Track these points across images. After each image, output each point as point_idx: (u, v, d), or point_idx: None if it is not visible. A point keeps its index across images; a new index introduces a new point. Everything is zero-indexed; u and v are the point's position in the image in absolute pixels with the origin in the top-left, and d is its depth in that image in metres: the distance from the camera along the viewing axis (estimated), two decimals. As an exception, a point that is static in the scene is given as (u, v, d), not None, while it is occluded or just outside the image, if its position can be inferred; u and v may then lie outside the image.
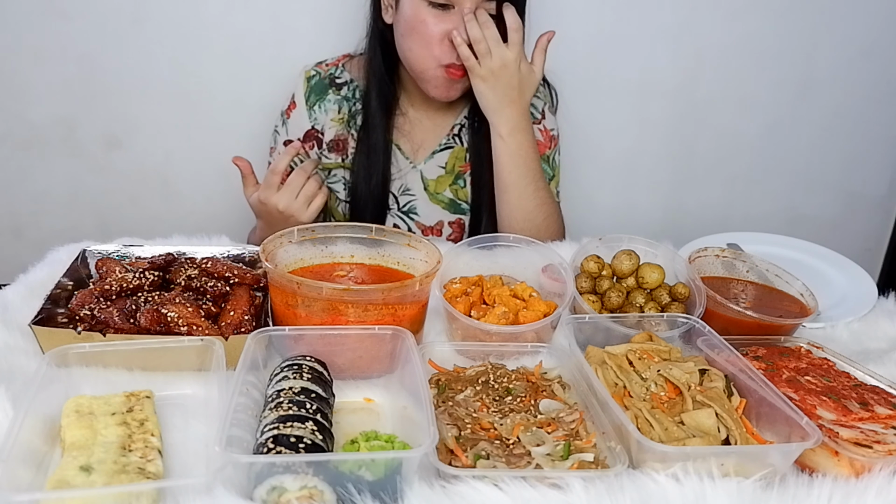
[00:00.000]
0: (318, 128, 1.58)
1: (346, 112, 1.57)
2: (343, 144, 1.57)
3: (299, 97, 1.59)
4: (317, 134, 1.58)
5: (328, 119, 1.57)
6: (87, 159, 1.95)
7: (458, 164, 1.60)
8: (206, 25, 1.83)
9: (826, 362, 1.04)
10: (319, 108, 1.57)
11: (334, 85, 1.58)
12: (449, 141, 1.60)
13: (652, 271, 1.18)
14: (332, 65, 1.60)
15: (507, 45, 1.36)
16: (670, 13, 1.94)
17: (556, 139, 1.64)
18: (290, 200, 1.36)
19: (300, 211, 1.37)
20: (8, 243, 2.01)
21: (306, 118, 1.58)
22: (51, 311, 0.99)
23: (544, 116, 1.62)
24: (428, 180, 1.60)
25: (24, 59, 1.82)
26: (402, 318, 0.99)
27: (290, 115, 1.60)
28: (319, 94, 1.58)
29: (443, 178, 1.60)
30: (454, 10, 1.35)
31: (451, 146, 1.60)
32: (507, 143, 1.43)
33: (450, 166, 1.60)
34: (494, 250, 1.21)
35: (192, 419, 0.86)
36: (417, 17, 1.37)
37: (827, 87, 2.08)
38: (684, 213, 2.22)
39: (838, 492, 0.78)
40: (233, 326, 0.99)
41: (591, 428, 0.87)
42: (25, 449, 0.75)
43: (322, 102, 1.57)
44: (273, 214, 1.38)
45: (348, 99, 1.57)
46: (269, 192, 1.37)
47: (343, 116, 1.57)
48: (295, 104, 1.59)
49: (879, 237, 2.34)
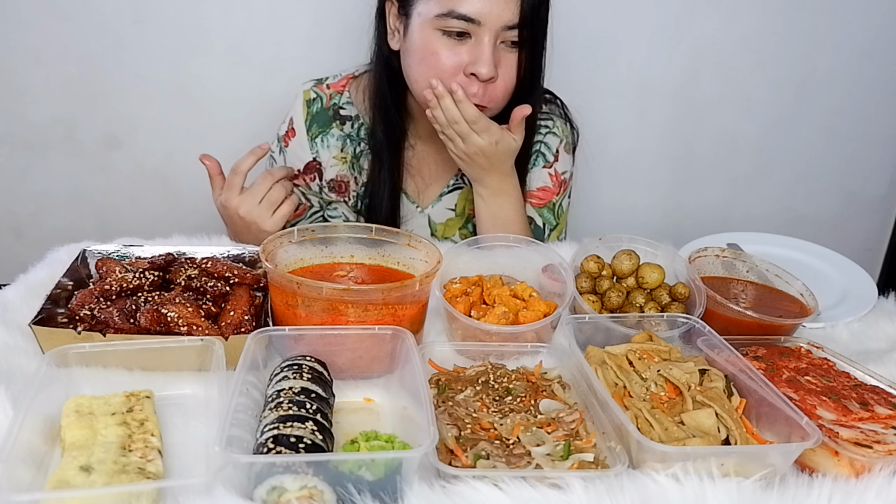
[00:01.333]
0: (320, 161, 1.49)
1: (350, 153, 1.48)
2: (345, 187, 1.49)
3: (299, 123, 1.49)
4: (318, 166, 1.49)
5: (330, 156, 1.48)
6: (87, 159, 1.95)
7: (468, 206, 1.50)
8: (206, 25, 1.83)
9: (826, 362, 1.04)
10: (322, 141, 1.48)
11: (338, 118, 1.48)
12: (457, 182, 1.51)
13: (652, 271, 1.18)
14: (336, 89, 1.49)
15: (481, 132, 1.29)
16: (670, 13, 1.94)
17: (566, 182, 1.55)
18: (251, 205, 1.27)
19: (262, 218, 1.28)
20: (8, 243, 2.01)
21: (307, 149, 1.49)
22: (51, 311, 0.99)
23: (557, 158, 1.52)
24: (436, 224, 1.52)
25: (24, 59, 1.82)
26: (402, 318, 0.99)
27: (289, 144, 1.50)
28: (322, 126, 1.48)
29: (452, 221, 1.52)
30: (471, 41, 1.26)
31: (460, 187, 1.51)
32: (487, 203, 1.39)
33: (459, 209, 1.52)
34: (494, 250, 1.21)
35: (192, 419, 0.86)
36: (429, 48, 1.27)
37: (827, 87, 2.08)
38: (684, 213, 2.22)
39: (838, 492, 0.78)
40: (233, 326, 0.99)
41: (591, 428, 0.87)
42: (25, 449, 0.75)
43: (325, 136, 1.48)
44: (235, 220, 1.30)
45: (353, 139, 1.48)
46: (231, 194, 1.29)
47: (346, 156, 1.48)
48: (294, 132, 1.49)
49: (879, 237, 2.34)
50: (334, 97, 1.49)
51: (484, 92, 1.29)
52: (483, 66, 1.25)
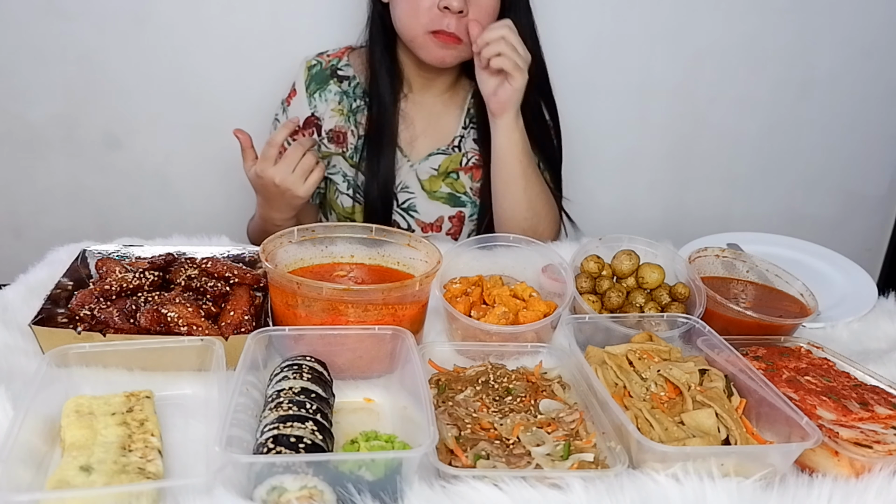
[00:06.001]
0: (318, 115, 1.58)
1: (347, 107, 1.57)
2: (343, 137, 1.57)
3: (300, 85, 1.59)
4: (316, 121, 1.58)
5: (328, 108, 1.57)
6: (87, 159, 1.94)
7: (450, 167, 1.60)
8: (206, 25, 1.83)
9: (826, 362, 1.04)
10: (320, 96, 1.58)
11: (336, 76, 1.58)
12: (447, 150, 1.60)
13: (652, 271, 1.18)
14: (335, 56, 1.61)
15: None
16: (670, 14, 1.94)
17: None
18: (286, 173, 1.33)
19: (296, 184, 1.34)
20: (8, 243, 2.01)
21: (306, 105, 1.58)
22: (51, 311, 0.99)
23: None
24: (422, 180, 1.60)
25: (24, 59, 1.82)
26: (402, 318, 0.99)
27: (290, 103, 1.60)
28: (321, 83, 1.58)
29: (434, 178, 1.60)
30: None
31: (448, 154, 1.60)
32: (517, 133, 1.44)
33: (442, 169, 1.60)
34: (494, 250, 1.21)
35: (192, 419, 0.86)
36: None
37: (827, 87, 2.08)
38: (684, 213, 2.21)
39: (838, 492, 0.78)
40: (233, 326, 0.99)
41: (591, 428, 0.87)
42: (25, 449, 0.75)
43: (323, 91, 1.57)
44: (269, 188, 1.36)
45: (349, 95, 1.57)
46: (266, 165, 1.34)
47: (343, 108, 1.57)
48: (295, 91, 1.60)
49: (879, 237, 2.34)
50: (332, 61, 1.60)
51: (458, 24, 1.37)
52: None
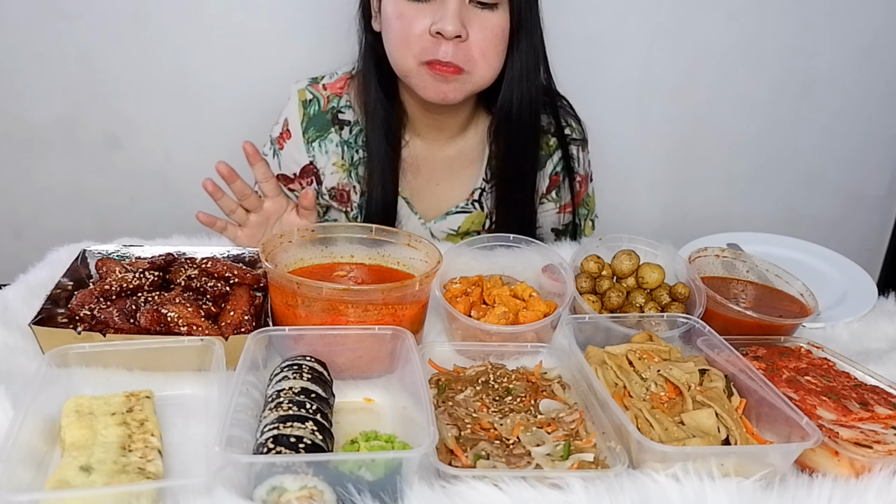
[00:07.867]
0: (318, 166, 1.44)
1: (349, 160, 1.43)
2: (347, 196, 1.45)
3: (294, 125, 1.43)
4: (315, 170, 1.45)
5: (329, 162, 1.43)
6: (87, 159, 1.95)
7: (472, 227, 1.45)
8: (206, 25, 1.83)
9: (826, 362, 1.04)
10: (320, 146, 1.43)
11: (337, 122, 1.42)
12: (467, 206, 1.46)
13: (652, 271, 1.18)
14: (334, 91, 1.43)
15: None
16: (670, 13, 1.94)
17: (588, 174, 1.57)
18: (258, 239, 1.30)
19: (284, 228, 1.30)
20: (8, 243, 2.01)
21: (304, 152, 1.43)
22: (51, 311, 0.99)
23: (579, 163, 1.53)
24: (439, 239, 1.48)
25: (24, 59, 1.82)
26: (402, 318, 0.99)
27: (284, 146, 1.44)
28: (320, 130, 1.42)
29: (452, 237, 1.48)
30: (434, 1, 1.22)
31: (468, 212, 1.46)
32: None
33: (463, 229, 1.46)
34: (494, 250, 1.21)
35: (192, 419, 0.86)
36: (395, 12, 1.23)
37: (827, 87, 2.08)
38: (684, 213, 2.22)
39: (838, 492, 0.78)
40: (233, 326, 0.99)
41: (591, 428, 0.87)
42: (25, 449, 0.75)
43: (323, 142, 1.42)
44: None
45: (350, 145, 1.42)
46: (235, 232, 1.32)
47: (345, 163, 1.43)
48: (290, 133, 1.43)
49: (879, 237, 2.34)
50: (332, 100, 1.43)
51: (455, 51, 1.23)
52: (448, 23, 1.19)
